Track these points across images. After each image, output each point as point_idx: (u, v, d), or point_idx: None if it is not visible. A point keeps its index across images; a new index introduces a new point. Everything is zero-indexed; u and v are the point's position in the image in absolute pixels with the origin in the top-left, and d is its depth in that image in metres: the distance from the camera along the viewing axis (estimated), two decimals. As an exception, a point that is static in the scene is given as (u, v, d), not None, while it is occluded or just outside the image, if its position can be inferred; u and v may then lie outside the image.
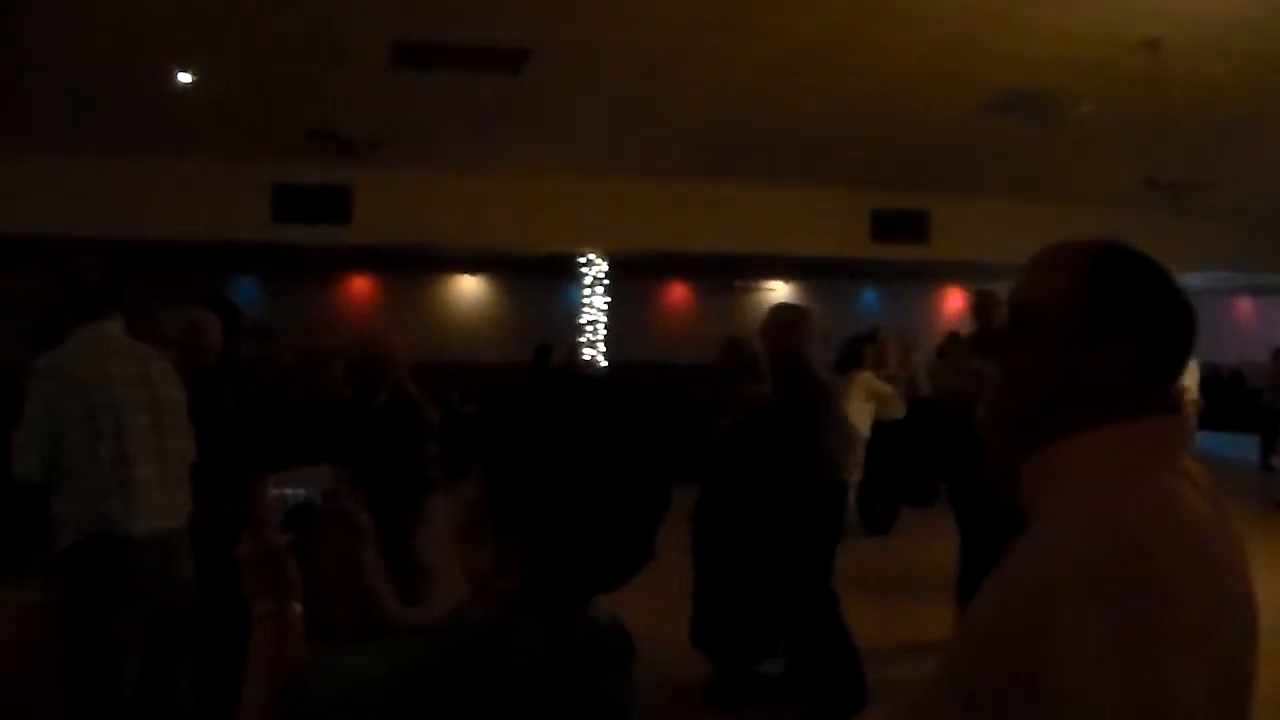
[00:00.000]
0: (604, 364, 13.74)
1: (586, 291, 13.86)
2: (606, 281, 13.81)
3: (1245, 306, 19.75)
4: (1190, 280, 12.42)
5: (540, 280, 15.56)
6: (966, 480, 5.94)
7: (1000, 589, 1.36)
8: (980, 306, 6.11)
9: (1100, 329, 1.43)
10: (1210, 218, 12.38)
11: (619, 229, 12.26)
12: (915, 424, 9.46)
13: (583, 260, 13.71)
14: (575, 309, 14.12)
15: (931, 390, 8.57)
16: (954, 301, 17.77)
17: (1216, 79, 8.29)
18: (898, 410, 8.99)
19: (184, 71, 8.58)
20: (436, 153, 10.70)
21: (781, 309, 5.69)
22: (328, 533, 1.79)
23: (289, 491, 1.74)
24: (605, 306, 13.77)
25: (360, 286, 16.20)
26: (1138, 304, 1.44)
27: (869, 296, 17.71)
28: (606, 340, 13.69)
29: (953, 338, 9.38)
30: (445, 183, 11.42)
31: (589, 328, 13.75)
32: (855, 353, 9.41)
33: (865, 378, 9.24)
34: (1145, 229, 11.75)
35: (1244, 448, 12.95)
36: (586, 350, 13.51)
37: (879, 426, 9.09)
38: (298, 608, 1.65)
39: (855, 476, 9.17)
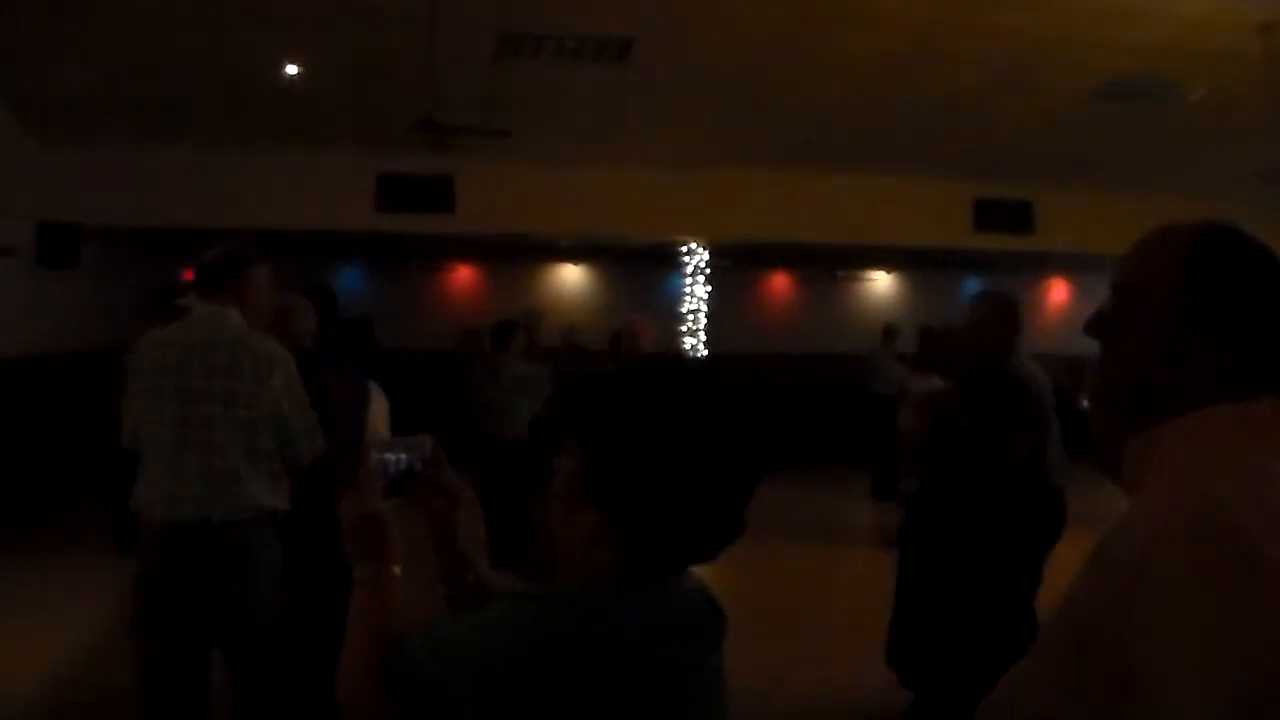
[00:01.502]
0: (704, 353, 13.74)
1: (688, 281, 13.86)
2: (708, 270, 13.78)
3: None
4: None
5: (642, 269, 15.59)
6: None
7: (1094, 567, 1.37)
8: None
9: (1199, 311, 1.42)
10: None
11: (721, 218, 12.23)
12: None
13: (684, 250, 13.69)
14: (677, 298, 14.14)
15: None
16: (1058, 294, 17.45)
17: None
18: None
19: (292, 64, 8.77)
20: (539, 143, 10.72)
21: (987, 297, 5.23)
22: (426, 499, 1.88)
23: (390, 457, 1.82)
24: (706, 296, 13.74)
25: (463, 275, 16.36)
26: (1238, 285, 1.43)
27: (971, 287, 17.41)
28: (707, 329, 13.68)
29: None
30: (547, 173, 11.47)
31: (690, 317, 13.76)
32: (922, 353, 9.43)
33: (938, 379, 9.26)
34: (1257, 222, 11.51)
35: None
36: (688, 339, 13.52)
37: None
38: (398, 571, 1.71)
39: None
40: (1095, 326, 1.55)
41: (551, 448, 1.65)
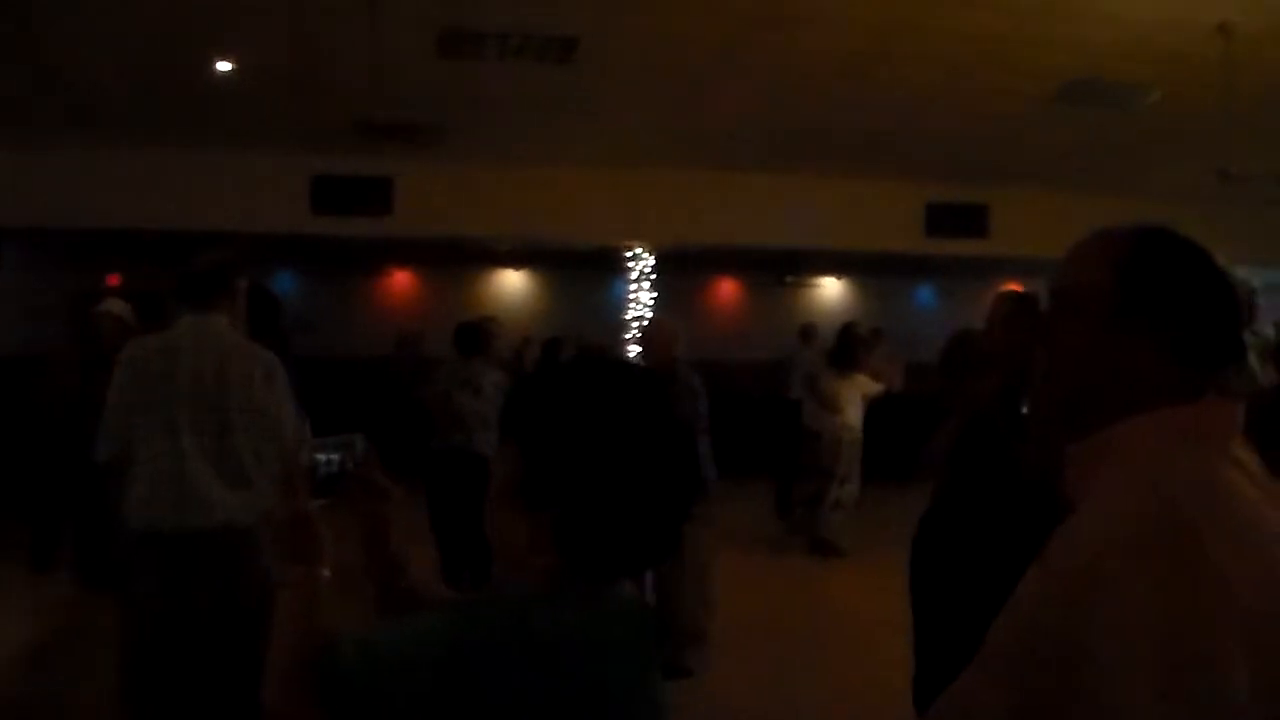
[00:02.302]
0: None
1: (632, 286, 13.80)
2: (653, 276, 13.73)
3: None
4: (1270, 277, 12.17)
5: (585, 275, 15.55)
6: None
7: (1042, 573, 1.39)
8: None
9: (1132, 313, 1.47)
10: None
11: (666, 222, 12.21)
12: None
13: (629, 254, 13.64)
14: (620, 304, 14.07)
15: None
16: (1013, 299, 17.55)
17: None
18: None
19: (223, 60, 8.59)
20: (480, 143, 10.66)
21: (1008, 298, 5.31)
22: (358, 500, 1.86)
23: (322, 458, 1.81)
24: (651, 302, 13.68)
25: (401, 280, 16.29)
26: (1170, 288, 1.47)
27: (924, 293, 17.59)
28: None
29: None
30: (489, 174, 11.41)
31: (634, 323, 13.69)
32: (850, 352, 9.43)
33: (863, 379, 9.29)
34: (1217, 223, 11.54)
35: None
36: (631, 347, 13.45)
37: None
38: (326, 574, 1.67)
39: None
40: (1037, 330, 1.59)
41: None
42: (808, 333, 13.10)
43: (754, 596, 7.73)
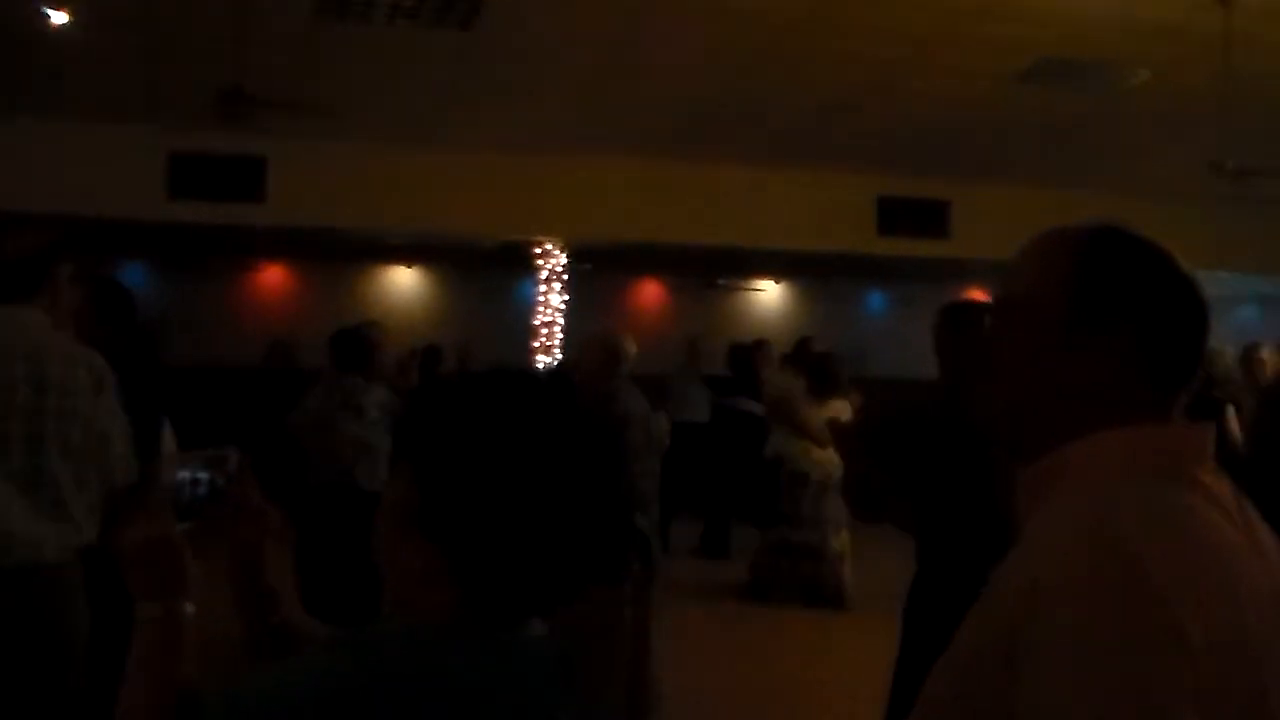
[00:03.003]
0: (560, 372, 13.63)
1: (542, 288, 13.74)
2: (566, 277, 13.69)
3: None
4: (1265, 287, 12.41)
5: (488, 273, 15.51)
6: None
7: (981, 614, 1.43)
8: None
9: (1086, 321, 1.49)
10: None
11: (581, 216, 12.22)
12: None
13: (539, 251, 13.60)
14: (528, 308, 14.01)
15: None
16: (975, 307, 17.72)
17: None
18: None
19: (57, 10, 8.38)
20: (368, 121, 10.58)
21: (945, 309, 5.08)
22: (228, 525, 1.86)
23: (187, 475, 1.81)
24: (564, 306, 13.64)
25: (273, 277, 16.12)
26: (1129, 292, 1.50)
27: (875, 300, 17.72)
28: (563, 344, 13.58)
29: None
30: (378, 157, 11.33)
31: (544, 330, 13.63)
32: (830, 374, 9.49)
33: (839, 405, 9.35)
34: (1208, 223, 11.73)
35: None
36: (541, 356, 13.40)
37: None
38: (190, 609, 1.65)
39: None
40: (979, 344, 1.66)
41: None
42: (694, 350, 13.10)
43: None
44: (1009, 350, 1.56)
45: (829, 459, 9.04)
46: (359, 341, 7.51)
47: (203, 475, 1.81)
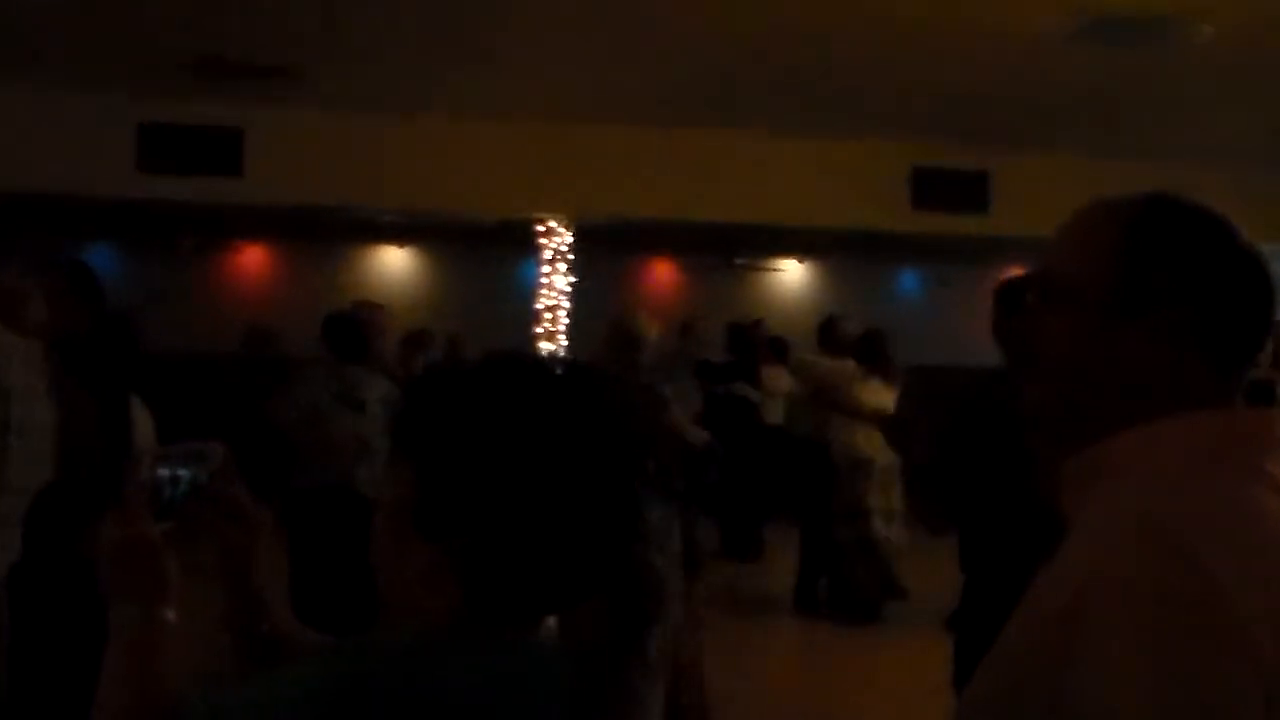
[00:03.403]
0: (565, 359, 13.63)
1: (546, 269, 13.73)
2: (571, 257, 13.67)
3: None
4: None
5: (488, 254, 15.56)
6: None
7: (1028, 613, 1.46)
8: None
9: (1138, 298, 1.50)
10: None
11: (588, 190, 12.17)
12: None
13: (541, 230, 13.58)
14: (531, 292, 14.00)
15: None
16: (1018, 289, 17.71)
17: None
18: None
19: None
20: (356, 88, 10.50)
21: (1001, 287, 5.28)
22: (214, 525, 1.85)
23: (166, 472, 1.78)
24: (569, 288, 13.63)
25: (251, 258, 16.23)
26: (1185, 266, 1.50)
27: (909, 280, 17.75)
28: (569, 330, 13.57)
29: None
30: (366, 128, 11.30)
31: (547, 315, 13.62)
32: (879, 352, 9.55)
33: (879, 386, 9.50)
34: (1274, 193, 11.65)
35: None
36: (544, 343, 13.38)
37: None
38: (171, 615, 1.66)
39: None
40: (1018, 327, 1.66)
41: None
42: (687, 330, 13.03)
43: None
44: (1053, 331, 1.56)
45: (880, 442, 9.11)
46: (357, 326, 7.36)
47: (183, 472, 1.79)
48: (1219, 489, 1.41)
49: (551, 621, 1.66)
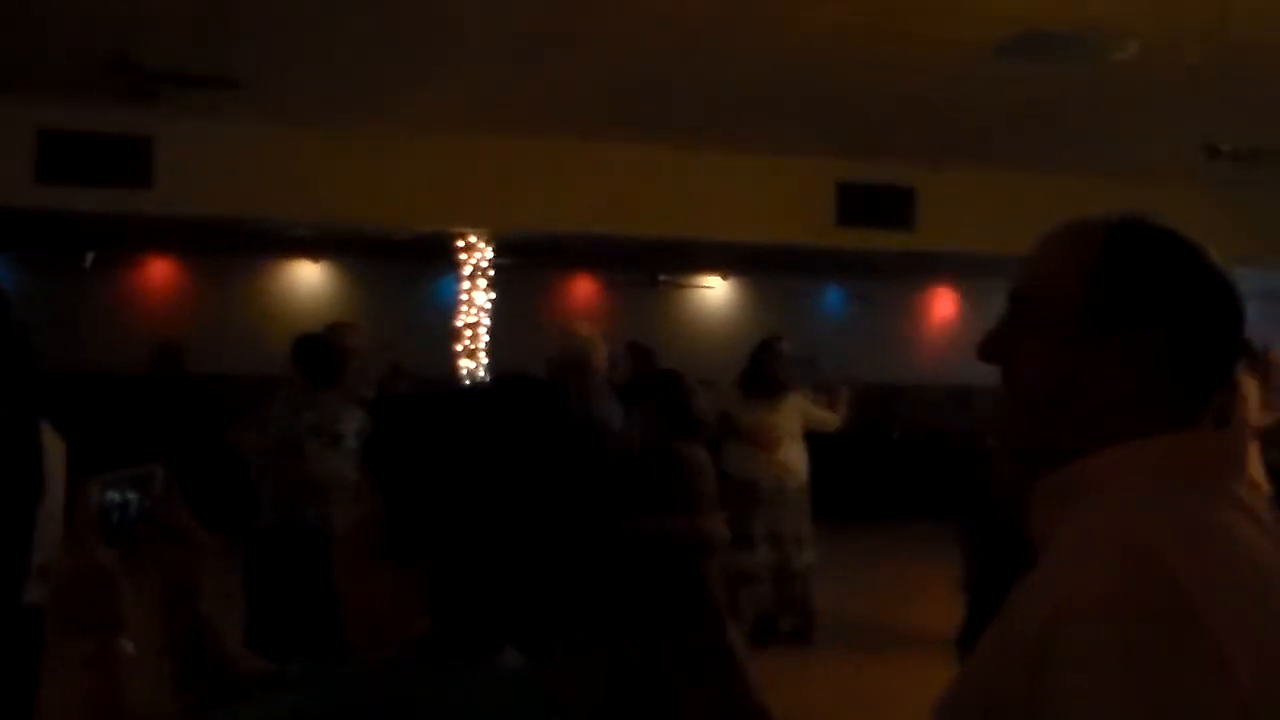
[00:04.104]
0: (485, 377, 13.55)
1: (466, 285, 13.66)
2: (491, 273, 13.62)
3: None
4: (1268, 281, 12.48)
5: (406, 270, 15.57)
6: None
7: (1003, 633, 1.47)
8: None
9: (1111, 319, 1.52)
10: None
11: (508, 204, 12.12)
12: None
13: (461, 245, 13.53)
14: (450, 308, 13.93)
15: None
16: (944, 306, 17.84)
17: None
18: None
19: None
20: (270, 99, 10.42)
21: None
22: (158, 549, 1.82)
23: (116, 497, 1.76)
24: (489, 305, 13.57)
25: (160, 272, 16.10)
26: (1158, 288, 1.53)
27: (833, 297, 17.86)
28: (489, 347, 13.52)
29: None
30: (281, 139, 11.23)
31: (467, 332, 13.56)
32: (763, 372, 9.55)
33: (798, 401, 9.65)
34: (1202, 212, 11.83)
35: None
36: (464, 360, 13.31)
37: None
38: (129, 647, 1.64)
39: None
40: (990, 346, 1.65)
41: None
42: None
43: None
44: (1027, 351, 1.59)
45: (779, 463, 9.05)
46: (329, 352, 7.04)
47: (132, 496, 1.78)
48: (1192, 510, 1.44)
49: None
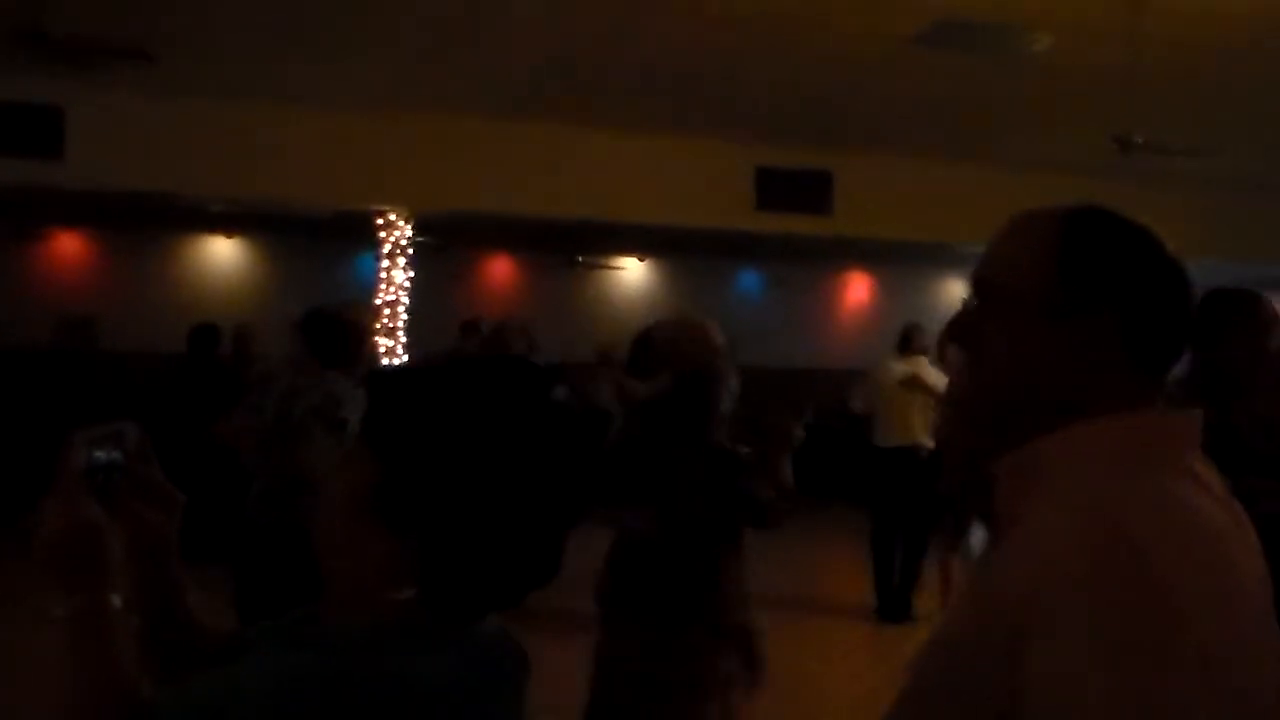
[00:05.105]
0: (404, 357, 13.52)
1: (385, 263, 13.61)
2: (410, 251, 13.58)
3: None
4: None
5: (322, 246, 15.45)
6: None
7: (976, 604, 1.54)
8: None
9: (1069, 305, 1.59)
10: (1204, 191, 12.64)
11: (428, 183, 12.12)
12: None
13: (380, 223, 13.46)
14: (368, 285, 13.84)
15: None
16: (858, 291, 17.98)
17: (1221, 6, 8.17)
18: None
19: None
20: (186, 71, 10.32)
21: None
22: (131, 506, 1.82)
23: (101, 455, 1.77)
24: (408, 283, 13.53)
25: (69, 246, 15.82)
26: (1113, 275, 1.60)
27: (749, 280, 17.89)
28: (408, 326, 13.47)
29: None
30: (196, 112, 11.13)
31: (386, 310, 13.50)
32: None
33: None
34: (1115, 201, 12.13)
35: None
36: (382, 339, 13.25)
37: None
38: (118, 601, 1.65)
39: None
40: (958, 330, 1.72)
41: None
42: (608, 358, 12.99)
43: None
44: (991, 334, 1.65)
45: None
46: (343, 329, 6.29)
47: (115, 454, 1.79)
48: (1155, 486, 1.51)
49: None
